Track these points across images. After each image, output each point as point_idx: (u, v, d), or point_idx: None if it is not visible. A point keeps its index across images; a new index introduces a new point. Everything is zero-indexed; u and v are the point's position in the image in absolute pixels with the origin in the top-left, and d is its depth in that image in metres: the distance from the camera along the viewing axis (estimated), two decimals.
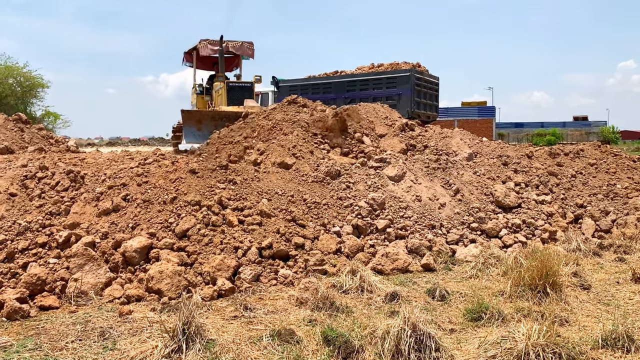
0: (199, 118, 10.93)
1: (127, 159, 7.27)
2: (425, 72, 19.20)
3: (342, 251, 6.18)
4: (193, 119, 10.86)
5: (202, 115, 11.16)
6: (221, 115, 10.92)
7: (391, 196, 7.35)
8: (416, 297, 5.03)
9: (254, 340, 3.87)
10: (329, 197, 7.07)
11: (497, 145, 10.41)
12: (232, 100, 12.46)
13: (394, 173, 7.81)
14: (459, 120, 35.94)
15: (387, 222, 6.81)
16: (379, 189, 7.46)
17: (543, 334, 3.48)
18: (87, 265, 5.13)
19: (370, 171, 7.88)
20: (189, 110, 11.14)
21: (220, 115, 11.03)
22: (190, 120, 10.84)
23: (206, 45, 13.42)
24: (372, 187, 7.48)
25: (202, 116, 11.07)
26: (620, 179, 9.14)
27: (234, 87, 12.92)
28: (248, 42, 13.86)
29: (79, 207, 6.00)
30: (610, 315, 4.53)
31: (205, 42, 13.43)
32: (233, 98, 12.55)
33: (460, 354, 3.72)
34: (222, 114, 11.00)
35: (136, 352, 3.63)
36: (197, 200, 6.12)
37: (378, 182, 7.60)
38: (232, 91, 12.80)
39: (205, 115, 11.17)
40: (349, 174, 7.67)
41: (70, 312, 4.52)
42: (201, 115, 11.15)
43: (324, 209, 6.81)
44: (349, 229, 6.57)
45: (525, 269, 5.07)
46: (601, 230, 7.92)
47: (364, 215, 6.86)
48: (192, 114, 11.04)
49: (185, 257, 5.43)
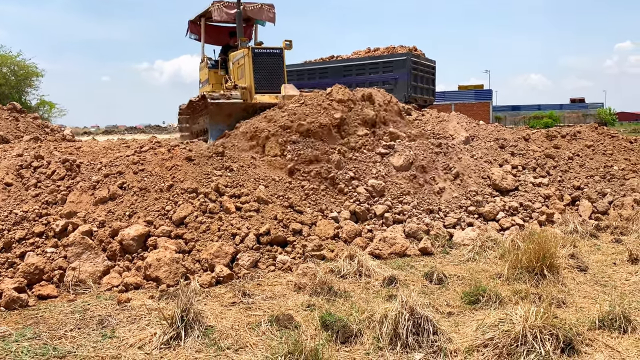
0: (230, 111, 8.87)
1: (123, 147, 7.25)
2: (421, 55, 19.08)
3: (340, 236, 6.18)
4: (222, 113, 8.85)
5: (233, 107, 8.98)
6: (255, 108, 8.97)
7: (392, 182, 7.31)
8: (414, 281, 5.05)
9: (252, 326, 3.89)
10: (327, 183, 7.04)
11: (494, 128, 10.40)
12: (259, 74, 9.95)
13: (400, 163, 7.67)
14: (456, 103, 35.80)
15: (386, 207, 6.81)
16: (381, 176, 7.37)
17: (540, 316, 3.49)
18: (85, 254, 5.12)
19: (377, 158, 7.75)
20: (218, 102, 8.89)
21: (254, 107, 9.02)
22: (219, 115, 8.83)
23: (221, 8, 10.98)
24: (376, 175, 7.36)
25: (233, 108, 8.94)
26: (617, 161, 9.14)
27: (260, 54, 10.11)
28: (268, 4, 11.53)
29: (75, 196, 5.98)
30: (607, 296, 4.55)
31: (220, 5, 10.96)
32: (260, 69, 9.98)
33: (458, 336, 3.74)
34: (257, 105, 9.04)
35: (135, 339, 3.64)
36: (194, 188, 6.10)
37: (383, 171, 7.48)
38: (258, 59, 10.04)
39: (236, 107, 9.04)
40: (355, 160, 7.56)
41: (68, 301, 4.52)
42: (232, 107, 8.97)
43: (322, 195, 6.80)
44: (346, 214, 6.57)
45: (522, 252, 5.08)
46: (598, 212, 7.94)
47: (362, 201, 6.85)
48: (222, 107, 8.89)
49: (182, 245, 5.43)
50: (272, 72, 10.06)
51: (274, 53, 10.24)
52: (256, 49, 10.12)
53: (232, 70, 10.92)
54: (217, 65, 11.69)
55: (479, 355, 3.45)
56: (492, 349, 3.45)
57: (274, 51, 10.26)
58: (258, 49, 10.21)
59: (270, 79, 9.94)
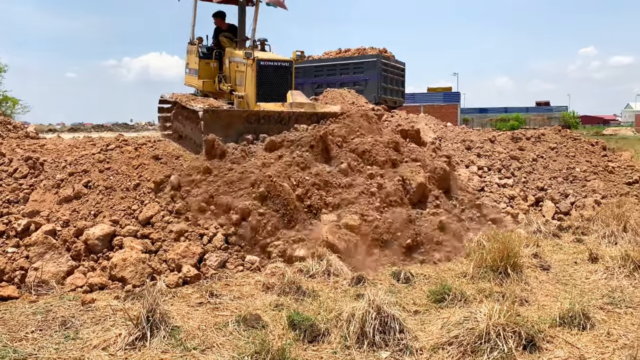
0: (229, 121, 7.17)
1: (89, 145, 7.10)
2: (391, 58, 19.28)
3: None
4: (220, 122, 7.07)
5: (232, 116, 7.30)
6: (259, 116, 7.41)
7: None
8: (381, 280, 5.10)
9: (219, 326, 3.87)
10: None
11: (460, 130, 10.58)
12: (263, 87, 8.41)
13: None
14: (425, 105, 36.18)
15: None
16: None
17: (504, 314, 3.57)
18: (48, 254, 5.01)
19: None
20: (215, 110, 7.21)
21: (257, 116, 7.43)
22: (215, 124, 6.99)
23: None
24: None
25: (233, 118, 7.26)
26: (579, 163, 9.40)
27: (266, 67, 8.48)
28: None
29: (38, 194, 5.84)
30: (567, 294, 4.68)
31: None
32: (265, 84, 8.43)
33: (424, 334, 3.79)
34: (262, 115, 7.48)
35: (99, 340, 3.58)
36: (161, 187, 6.02)
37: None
38: (263, 73, 8.46)
39: (236, 116, 7.36)
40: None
41: (30, 302, 4.42)
42: (231, 116, 7.29)
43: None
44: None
45: (487, 251, 5.19)
46: (561, 213, 8.16)
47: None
48: (219, 115, 7.16)
49: (149, 245, 5.36)
50: (278, 86, 8.58)
51: (282, 66, 8.70)
52: (262, 62, 8.48)
53: (229, 69, 9.42)
54: (209, 54, 9.80)
55: (444, 353, 3.51)
56: (456, 347, 3.51)
57: (283, 64, 8.72)
58: (264, 61, 8.55)
59: (276, 91, 8.53)
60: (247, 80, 8.60)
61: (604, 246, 6.25)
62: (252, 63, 8.38)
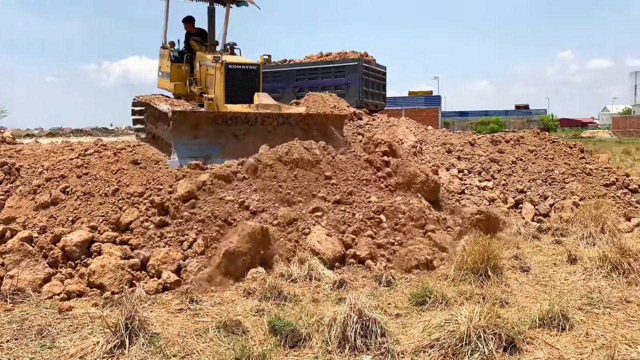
0: (196, 121, 7.40)
1: (67, 150, 7.00)
2: (372, 61, 19.36)
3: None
4: (187, 123, 7.32)
5: (199, 117, 7.57)
6: (226, 117, 7.64)
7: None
8: (363, 284, 5.09)
9: (199, 333, 3.82)
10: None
11: (441, 133, 10.65)
12: (231, 89, 8.83)
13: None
14: (406, 109, 36.44)
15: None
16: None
17: (484, 316, 3.59)
18: (24, 261, 4.91)
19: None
20: (182, 111, 7.57)
21: (224, 117, 7.67)
22: (184, 125, 7.27)
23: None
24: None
25: (200, 118, 7.51)
26: (557, 165, 9.52)
27: (234, 70, 8.87)
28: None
29: (14, 200, 5.74)
30: (547, 295, 4.72)
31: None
32: (233, 86, 8.84)
33: (405, 338, 3.79)
34: (228, 115, 7.72)
35: (76, 349, 3.52)
36: (140, 192, 5.96)
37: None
38: (231, 76, 8.86)
39: (204, 117, 7.65)
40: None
41: (5, 311, 4.32)
42: (198, 117, 7.56)
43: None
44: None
45: (467, 253, 5.21)
46: (540, 215, 8.25)
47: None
48: (187, 116, 7.43)
49: (128, 251, 5.29)
50: (246, 87, 9.00)
51: (249, 69, 9.15)
52: (230, 65, 8.90)
53: (199, 72, 9.78)
54: (181, 57, 10.19)
55: (425, 356, 3.51)
56: (438, 350, 3.52)
57: (250, 67, 9.18)
58: (232, 64, 8.97)
59: (243, 93, 8.89)
60: (216, 83, 8.96)
61: (582, 247, 6.32)
62: (221, 66, 8.76)
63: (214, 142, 7.40)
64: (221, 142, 7.44)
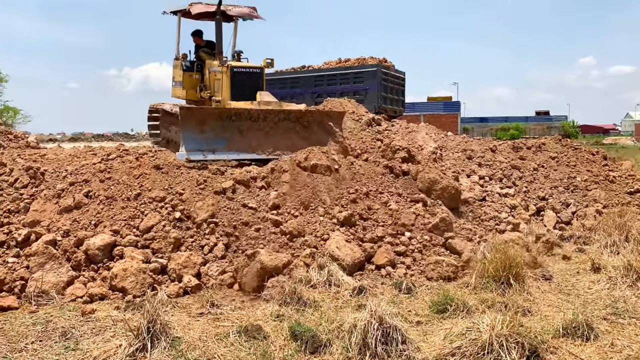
0: (202, 117, 7.95)
1: (89, 154, 7.09)
2: (391, 67, 19.35)
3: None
4: (194, 119, 7.86)
5: (205, 113, 8.17)
6: (230, 114, 8.18)
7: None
8: (383, 291, 5.07)
9: (220, 337, 3.84)
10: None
11: (461, 139, 10.58)
12: (236, 90, 9.52)
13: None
14: (425, 115, 36.30)
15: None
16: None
17: (506, 325, 3.55)
18: (48, 264, 4.99)
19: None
20: (189, 107, 8.34)
21: (228, 113, 8.21)
22: (191, 120, 7.83)
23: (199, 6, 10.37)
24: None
25: (206, 115, 8.08)
26: (580, 172, 9.39)
27: (239, 73, 9.62)
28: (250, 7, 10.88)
29: (39, 204, 5.83)
30: (570, 304, 4.66)
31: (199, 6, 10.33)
32: (238, 88, 9.53)
33: (426, 345, 3.76)
34: (232, 112, 8.27)
35: (99, 351, 3.56)
36: (162, 197, 6.02)
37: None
38: (237, 79, 9.58)
39: (209, 113, 8.20)
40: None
41: (30, 312, 4.39)
42: (204, 113, 8.16)
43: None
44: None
45: (489, 261, 5.16)
46: (562, 222, 8.14)
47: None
48: (194, 112, 8.10)
49: (150, 254, 5.34)
50: (250, 88, 9.61)
51: (253, 72, 9.88)
52: (235, 68, 9.65)
53: (209, 79, 10.47)
54: (192, 67, 11.00)
55: None
56: (459, 358, 3.49)
57: (254, 70, 9.91)
58: (237, 67, 9.73)
59: (248, 93, 9.50)
60: (223, 86, 9.73)
61: (606, 256, 6.21)
62: (227, 70, 9.58)
63: (220, 137, 7.86)
64: (226, 137, 7.89)
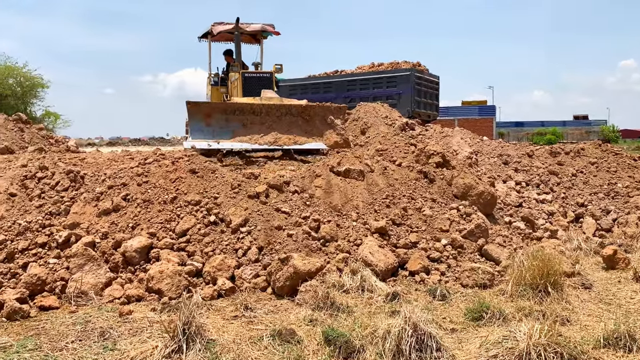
0: (208, 111, 9.17)
1: (127, 158, 7.26)
2: (425, 71, 19.20)
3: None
4: (201, 112, 9.09)
5: (210, 107, 9.41)
6: (233, 108, 9.32)
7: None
8: (417, 297, 5.02)
9: (254, 340, 3.86)
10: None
11: (497, 144, 10.41)
12: (248, 93, 10.69)
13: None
14: (459, 119, 35.86)
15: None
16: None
17: (545, 334, 3.46)
18: (87, 265, 5.11)
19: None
20: (196, 102, 9.32)
21: (232, 107, 9.37)
22: (198, 114, 9.05)
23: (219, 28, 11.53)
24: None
25: (211, 109, 9.31)
26: (620, 178, 9.12)
27: (250, 77, 10.96)
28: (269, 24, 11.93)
29: (78, 207, 5.99)
30: (611, 314, 4.51)
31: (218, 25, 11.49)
32: (249, 90, 10.70)
33: (461, 353, 3.71)
34: (235, 106, 9.41)
35: (136, 352, 3.62)
36: (197, 200, 6.10)
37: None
38: (248, 82, 10.87)
39: (214, 107, 9.45)
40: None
41: (70, 312, 4.51)
42: (210, 107, 9.40)
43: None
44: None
45: (526, 269, 5.05)
46: (602, 229, 7.91)
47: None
48: (200, 107, 9.24)
49: (185, 257, 5.42)
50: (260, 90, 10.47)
51: (263, 77, 11.06)
52: (246, 74, 10.98)
53: (229, 88, 11.84)
54: (219, 82, 12.38)
55: None
56: None
57: (264, 75, 11.15)
58: (249, 73, 11.11)
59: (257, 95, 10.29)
60: (237, 90, 10.98)
61: None
62: (239, 76, 10.95)
63: (225, 129, 8.95)
64: (231, 129, 8.96)
